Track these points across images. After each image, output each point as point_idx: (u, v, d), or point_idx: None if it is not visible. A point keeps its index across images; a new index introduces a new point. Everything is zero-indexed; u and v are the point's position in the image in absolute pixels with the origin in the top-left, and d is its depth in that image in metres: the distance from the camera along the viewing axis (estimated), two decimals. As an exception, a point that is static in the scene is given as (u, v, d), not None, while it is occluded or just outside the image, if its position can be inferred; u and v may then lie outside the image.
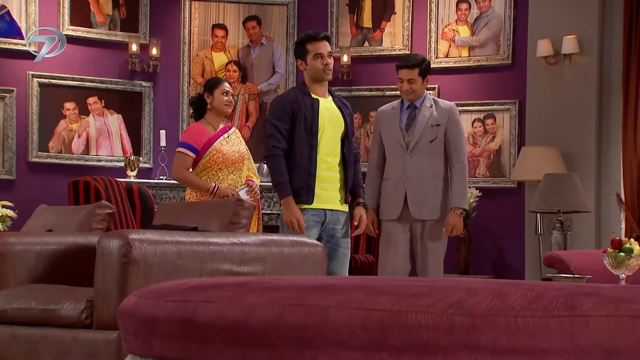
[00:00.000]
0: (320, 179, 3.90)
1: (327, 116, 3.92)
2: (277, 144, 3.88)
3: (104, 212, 3.90)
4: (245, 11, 6.82)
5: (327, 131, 3.90)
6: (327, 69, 3.90)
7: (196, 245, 3.44)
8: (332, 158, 3.92)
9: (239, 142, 4.56)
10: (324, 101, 3.94)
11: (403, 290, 1.23)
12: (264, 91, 6.87)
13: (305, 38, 3.98)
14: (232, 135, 4.56)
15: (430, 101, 4.27)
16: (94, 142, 6.53)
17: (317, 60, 3.88)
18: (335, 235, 3.97)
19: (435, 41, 6.56)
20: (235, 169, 4.51)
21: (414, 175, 4.16)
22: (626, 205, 5.49)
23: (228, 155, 4.46)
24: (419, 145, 4.17)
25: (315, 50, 3.89)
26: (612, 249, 3.23)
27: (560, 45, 5.88)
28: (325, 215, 3.93)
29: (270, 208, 6.57)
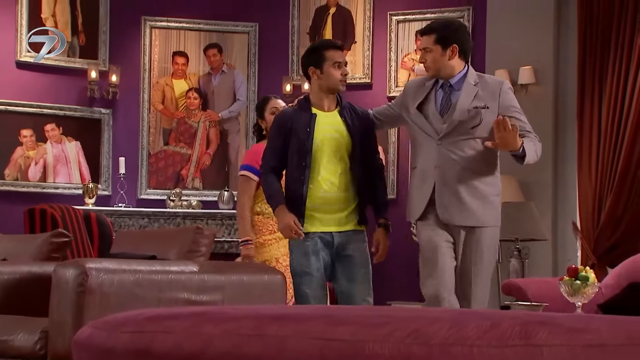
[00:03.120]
0: (319, 200, 3.51)
1: (327, 132, 3.53)
2: (267, 162, 3.62)
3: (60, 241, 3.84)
4: (206, 39, 6.83)
5: (327, 148, 3.51)
6: (345, 80, 3.57)
7: (154, 274, 3.40)
8: (336, 177, 3.52)
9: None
10: (326, 115, 3.56)
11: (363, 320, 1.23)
12: (225, 118, 6.87)
13: (323, 45, 3.64)
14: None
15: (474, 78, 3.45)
16: (51, 169, 6.45)
17: (336, 69, 3.52)
18: (349, 255, 3.55)
19: (395, 70, 6.64)
20: None
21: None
22: (582, 234, 5.58)
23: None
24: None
25: (334, 59, 3.52)
26: (569, 277, 3.27)
27: (516, 76, 5.99)
28: (332, 237, 3.54)
29: (230, 236, 6.54)
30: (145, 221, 6.46)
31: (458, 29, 3.45)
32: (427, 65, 3.43)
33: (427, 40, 3.40)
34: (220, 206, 6.65)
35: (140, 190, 6.70)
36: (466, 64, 3.45)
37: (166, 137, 6.78)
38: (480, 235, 3.38)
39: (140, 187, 6.70)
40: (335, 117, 3.56)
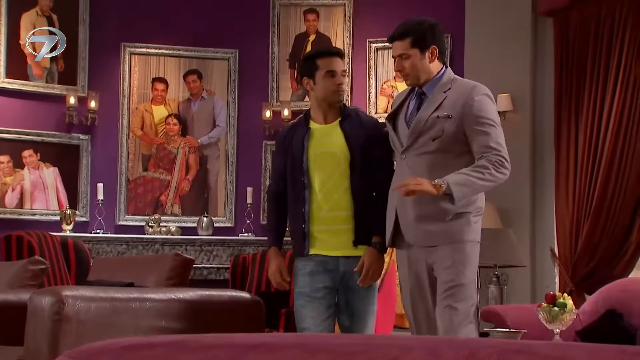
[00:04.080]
0: (320, 221, 3.21)
1: (323, 146, 3.24)
2: (270, 186, 3.41)
3: (37, 268, 3.81)
4: (185, 65, 6.84)
5: (324, 164, 3.21)
6: (340, 90, 3.24)
7: (132, 302, 3.37)
8: (338, 195, 3.20)
9: None
10: (323, 129, 3.26)
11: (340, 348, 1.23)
12: (204, 144, 6.86)
13: (317, 53, 3.35)
14: None
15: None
16: (28, 195, 6.40)
17: (329, 78, 3.23)
18: (350, 286, 3.23)
19: (374, 97, 6.69)
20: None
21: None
22: (560, 260, 5.61)
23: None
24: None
25: (327, 67, 3.23)
26: (547, 304, 3.28)
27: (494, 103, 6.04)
28: (338, 263, 3.23)
29: (209, 262, 6.51)
30: (123, 247, 6.41)
31: (434, 28, 3.06)
32: (405, 73, 3.04)
33: (401, 45, 3.00)
34: (200, 232, 6.62)
35: (119, 216, 6.66)
36: (444, 65, 3.08)
37: (145, 163, 6.76)
38: (451, 252, 2.98)
39: (119, 213, 6.66)
40: (334, 130, 3.24)
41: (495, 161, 2.93)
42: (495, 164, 2.93)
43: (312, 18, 6.87)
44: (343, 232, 3.20)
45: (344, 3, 6.80)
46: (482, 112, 2.96)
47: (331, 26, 6.83)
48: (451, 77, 3.06)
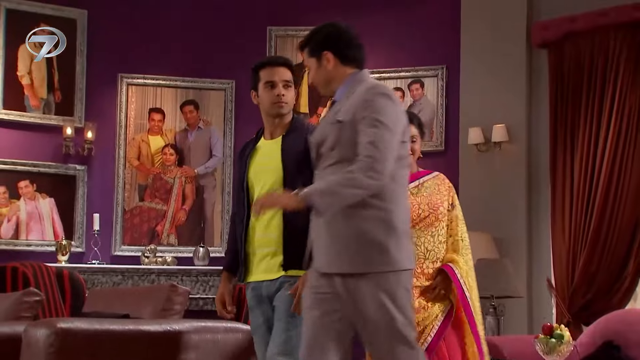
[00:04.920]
0: (254, 243, 2.98)
1: (262, 164, 3.01)
2: (232, 207, 3.25)
3: (32, 300, 3.79)
4: (182, 96, 6.87)
5: (262, 183, 2.97)
6: (280, 101, 2.99)
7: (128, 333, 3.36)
8: (270, 215, 2.91)
9: (436, 191, 3.35)
10: (267, 144, 3.03)
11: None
12: (201, 174, 6.87)
13: (258, 63, 3.11)
14: (429, 182, 3.36)
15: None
16: (24, 226, 6.39)
17: (268, 89, 3.02)
18: (273, 306, 2.97)
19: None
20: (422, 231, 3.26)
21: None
22: (556, 291, 5.59)
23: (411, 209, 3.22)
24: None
25: (266, 77, 3.03)
26: (544, 335, 3.28)
27: (490, 133, 6.07)
28: (261, 287, 2.98)
29: (205, 292, 6.48)
30: (119, 278, 6.39)
31: (328, 33, 2.75)
32: (313, 84, 2.82)
33: (305, 57, 2.78)
34: (196, 262, 6.60)
35: (115, 246, 6.64)
36: (358, 69, 2.75)
37: (141, 193, 6.76)
38: (356, 284, 2.56)
39: (115, 243, 6.64)
40: (276, 145, 2.99)
41: (362, 166, 2.53)
42: (363, 169, 2.52)
43: (309, 49, 6.91)
44: (271, 255, 2.93)
45: (340, 35, 6.85)
46: (369, 110, 2.60)
47: (327, 57, 6.87)
48: (360, 79, 2.71)
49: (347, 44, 2.75)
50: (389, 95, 2.64)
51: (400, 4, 6.68)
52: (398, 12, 6.67)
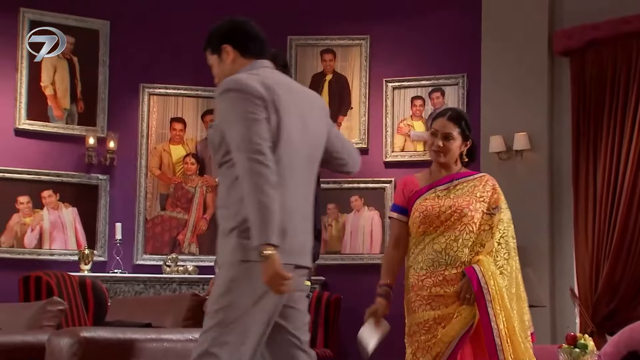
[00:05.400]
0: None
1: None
2: None
3: (55, 309, 3.82)
4: (203, 105, 6.90)
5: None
6: None
7: (149, 342, 3.37)
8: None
9: (469, 192, 3.19)
10: None
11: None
12: (222, 184, 6.89)
13: None
14: (465, 184, 3.22)
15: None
16: (47, 235, 6.44)
17: None
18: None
19: (391, 135, 6.70)
20: (449, 236, 3.12)
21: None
22: (580, 300, 5.54)
23: (430, 212, 3.14)
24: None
25: None
26: (568, 345, 3.25)
27: (511, 142, 6.04)
28: None
29: (226, 302, 6.48)
30: (140, 287, 6.41)
31: (226, 27, 2.67)
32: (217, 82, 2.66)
33: (208, 57, 2.69)
34: (217, 271, 6.60)
35: (137, 255, 6.67)
36: (256, 59, 2.64)
37: (163, 202, 6.79)
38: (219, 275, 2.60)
39: (137, 252, 6.68)
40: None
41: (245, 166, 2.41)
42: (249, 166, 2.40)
43: (329, 58, 6.93)
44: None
45: (361, 43, 6.86)
46: (222, 111, 2.51)
47: (348, 66, 6.89)
48: (249, 71, 2.59)
49: (245, 35, 2.66)
50: (237, 87, 2.47)
51: (420, 13, 6.68)
52: (418, 21, 6.67)
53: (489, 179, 3.21)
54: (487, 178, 3.22)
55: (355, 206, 6.72)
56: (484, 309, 2.98)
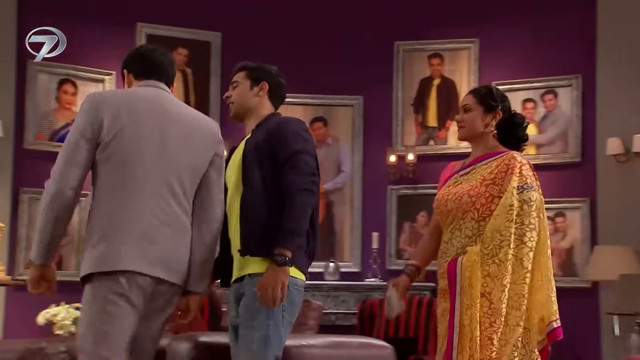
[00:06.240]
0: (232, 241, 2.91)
1: (232, 161, 2.99)
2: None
3: (173, 314, 3.91)
4: (312, 112, 6.96)
5: (229, 178, 2.94)
6: (228, 102, 3.13)
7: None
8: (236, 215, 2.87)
9: (479, 176, 2.91)
10: (242, 142, 3.01)
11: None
12: (330, 190, 6.93)
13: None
14: (483, 167, 2.94)
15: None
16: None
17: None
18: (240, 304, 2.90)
19: (501, 140, 6.57)
20: (455, 225, 2.91)
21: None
22: None
23: (439, 203, 2.98)
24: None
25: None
26: None
27: (630, 144, 5.82)
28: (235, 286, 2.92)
29: (337, 307, 6.51)
30: (252, 293, 6.51)
31: (127, 57, 2.92)
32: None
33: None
34: (326, 277, 6.65)
35: (248, 262, 6.79)
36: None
37: (273, 209, 6.88)
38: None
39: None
40: (244, 141, 3.01)
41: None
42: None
43: (437, 62, 6.86)
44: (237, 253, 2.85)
45: (469, 46, 6.77)
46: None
47: (456, 70, 6.80)
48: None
49: (137, 59, 2.88)
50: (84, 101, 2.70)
51: (530, 14, 6.53)
52: (528, 22, 6.52)
53: (512, 157, 2.85)
54: (508, 156, 2.87)
55: (465, 212, 6.62)
56: (452, 300, 2.80)
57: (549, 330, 2.85)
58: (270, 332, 2.71)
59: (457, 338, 2.73)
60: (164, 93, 2.81)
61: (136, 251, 2.57)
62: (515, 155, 2.86)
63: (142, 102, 2.71)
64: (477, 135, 2.94)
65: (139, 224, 2.59)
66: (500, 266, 2.74)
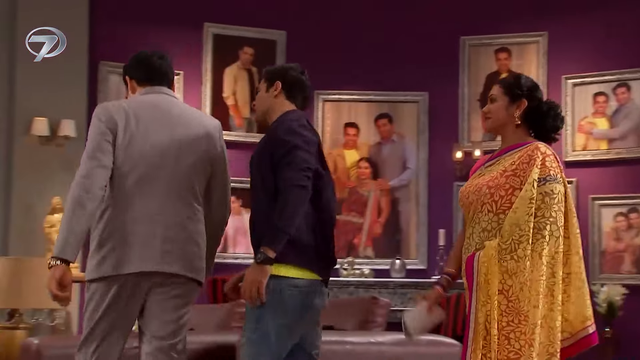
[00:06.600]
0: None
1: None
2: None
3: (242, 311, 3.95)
4: (376, 109, 6.95)
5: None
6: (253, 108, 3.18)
7: (332, 345, 3.43)
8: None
9: (501, 168, 2.79)
10: None
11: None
12: (395, 187, 6.90)
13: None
14: (506, 158, 2.81)
15: None
16: (231, 240, 6.71)
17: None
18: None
19: (571, 134, 6.44)
20: (475, 219, 2.78)
21: None
22: None
23: (462, 195, 2.86)
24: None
25: None
26: None
27: None
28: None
29: (403, 304, 6.48)
30: (319, 290, 6.53)
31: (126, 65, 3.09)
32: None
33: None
34: (393, 275, 6.63)
35: (314, 259, 6.80)
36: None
37: (338, 206, 6.90)
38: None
39: (314, 256, 6.80)
40: None
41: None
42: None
43: (504, 57, 6.76)
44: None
45: (538, 40, 6.65)
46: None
47: (524, 64, 6.69)
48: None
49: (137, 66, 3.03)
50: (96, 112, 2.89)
51: (600, 6, 6.38)
52: (599, 13, 6.37)
53: (532, 148, 2.72)
54: (532, 147, 2.73)
55: (534, 207, 6.50)
56: (469, 297, 2.67)
57: (583, 335, 2.70)
58: (256, 335, 2.67)
59: (472, 335, 2.62)
60: (166, 97, 2.93)
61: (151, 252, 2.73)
62: (539, 145, 2.74)
63: (147, 109, 2.85)
64: (503, 126, 2.82)
65: (151, 226, 2.74)
66: (519, 262, 2.61)
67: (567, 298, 2.69)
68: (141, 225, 2.73)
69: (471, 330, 2.62)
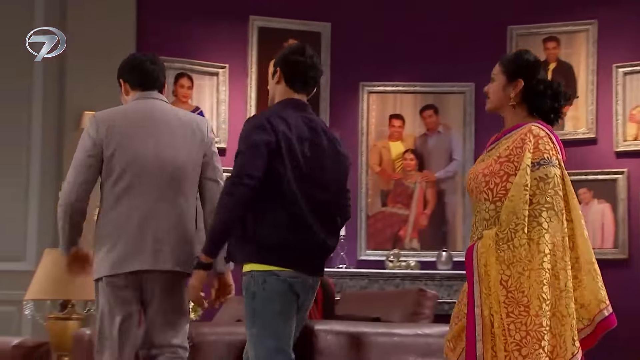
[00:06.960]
0: None
1: None
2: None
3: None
4: (422, 101, 6.90)
5: None
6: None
7: (379, 336, 3.43)
8: None
9: (496, 153, 2.71)
10: None
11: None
12: (441, 179, 6.85)
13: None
14: (502, 142, 2.73)
15: None
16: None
17: None
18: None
19: (622, 124, 6.33)
20: (477, 207, 2.72)
21: None
22: None
23: (467, 180, 2.80)
24: None
25: None
26: None
27: None
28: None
29: (450, 297, 6.44)
30: (365, 282, 6.53)
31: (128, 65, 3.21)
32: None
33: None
34: (439, 267, 6.59)
35: (360, 251, 6.81)
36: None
37: (384, 198, 6.88)
38: None
39: (360, 248, 6.81)
40: None
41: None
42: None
43: (553, 46, 6.65)
44: None
45: (588, 28, 6.52)
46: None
47: (573, 53, 6.57)
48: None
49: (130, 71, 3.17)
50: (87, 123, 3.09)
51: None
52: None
53: (524, 131, 2.62)
54: (525, 130, 2.63)
55: (584, 199, 6.40)
56: (470, 290, 2.61)
57: (601, 319, 2.60)
58: (256, 327, 2.78)
59: (480, 328, 2.55)
60: (155, 102, 3.09)
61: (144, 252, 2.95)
62: (532, 127, 2.63)
63: (134, 116, 3.04)
64: (501, 107, 2.72)
65: (144, 227, 2.96)
66: (515, 252, 2.53)
67: (579, 283, 2.60)
68: (133, 228, 2.96)
69: (478, 324, 2.55)
